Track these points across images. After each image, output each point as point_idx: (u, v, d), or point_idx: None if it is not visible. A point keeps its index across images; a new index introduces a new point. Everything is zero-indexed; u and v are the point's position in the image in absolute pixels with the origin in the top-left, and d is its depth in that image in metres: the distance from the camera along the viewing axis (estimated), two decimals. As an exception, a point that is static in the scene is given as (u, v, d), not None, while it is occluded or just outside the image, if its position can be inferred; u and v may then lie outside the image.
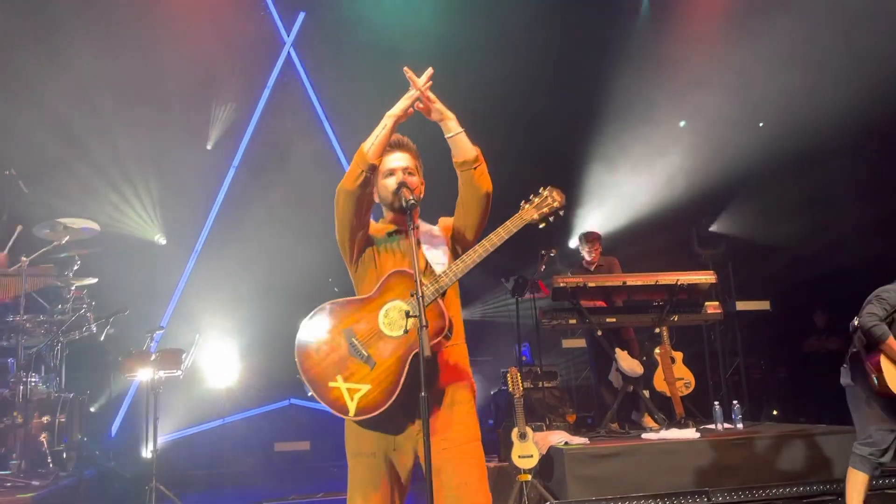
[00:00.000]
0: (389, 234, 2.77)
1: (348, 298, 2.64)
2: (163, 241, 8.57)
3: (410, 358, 2.49)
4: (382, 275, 2.63)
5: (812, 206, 9.03)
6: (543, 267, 6.90)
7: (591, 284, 6.44)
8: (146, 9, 8.12)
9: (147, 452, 6.22)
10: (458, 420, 2.59)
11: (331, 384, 2.50)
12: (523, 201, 2.71)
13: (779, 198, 9.09)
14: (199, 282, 8.45)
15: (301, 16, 9.49)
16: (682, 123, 9.77)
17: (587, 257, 7.21)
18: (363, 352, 2.52)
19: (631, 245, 8.58)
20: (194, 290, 8.41)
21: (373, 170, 2.61)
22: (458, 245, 2.78)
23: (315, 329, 2.57)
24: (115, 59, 7.89)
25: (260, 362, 8.07)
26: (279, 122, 9.10)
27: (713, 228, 9.01)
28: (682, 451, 5.39)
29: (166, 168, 8.43)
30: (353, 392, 2.49)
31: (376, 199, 2.82)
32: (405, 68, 2.66)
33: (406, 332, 2.51)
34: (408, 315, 2.49)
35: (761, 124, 9.28)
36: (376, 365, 2.50)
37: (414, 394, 2.40)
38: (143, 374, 5.81)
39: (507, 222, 2.64)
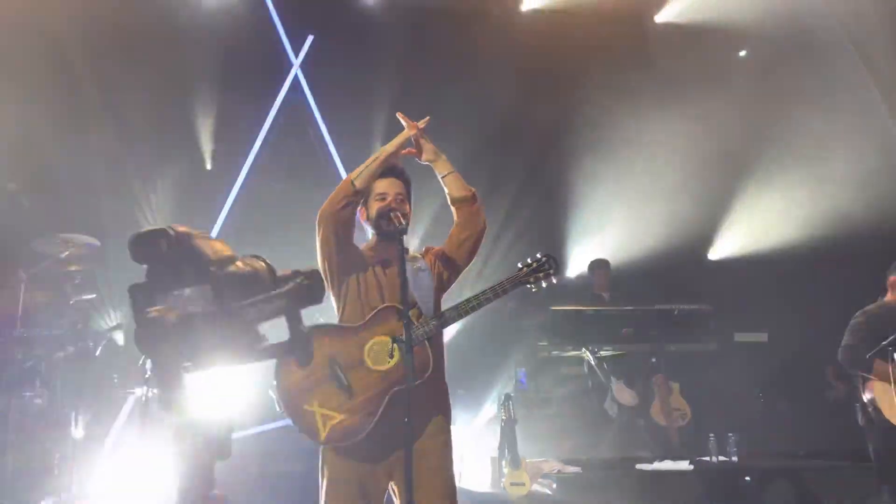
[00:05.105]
0: (375, 264, 2.78)
1: (334, 324, 2.66)
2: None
3: (391, 394, 2.50)
4: (369, 304, 2.65)
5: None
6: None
7: (589, 312, 6.45)
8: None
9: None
10: (433, 450, 2.60)
11: (306, 407, 2.52)
12: (521, 263, 2.79)
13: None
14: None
15: (309, 39, 9.55)
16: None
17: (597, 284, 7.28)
18: (344, 381, 2.52)
19: (631, 274, 8.50)
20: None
21: (356, 195, 2.65)
22: (444, 273, 2.82)
23: None
24: (120, 73, 7.92)
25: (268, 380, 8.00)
26: (284, 144, 9.13)
27: (712, 257, 8.92)
28: (675, 482, 5.35)
29: (168, 185, 8.46)
30: (327, 419, 2.50)
31: (363, 221, 2.85)
32: (398, 113, 2.78)
33: (391, 360, 2.52)
34: (394, 340, 2.52)
35: None
36: (355, 395, 2.51)
37: (391, 424, 2.43)
38: (138, 391, 5.80)
39: (504, 281, 2.73)
